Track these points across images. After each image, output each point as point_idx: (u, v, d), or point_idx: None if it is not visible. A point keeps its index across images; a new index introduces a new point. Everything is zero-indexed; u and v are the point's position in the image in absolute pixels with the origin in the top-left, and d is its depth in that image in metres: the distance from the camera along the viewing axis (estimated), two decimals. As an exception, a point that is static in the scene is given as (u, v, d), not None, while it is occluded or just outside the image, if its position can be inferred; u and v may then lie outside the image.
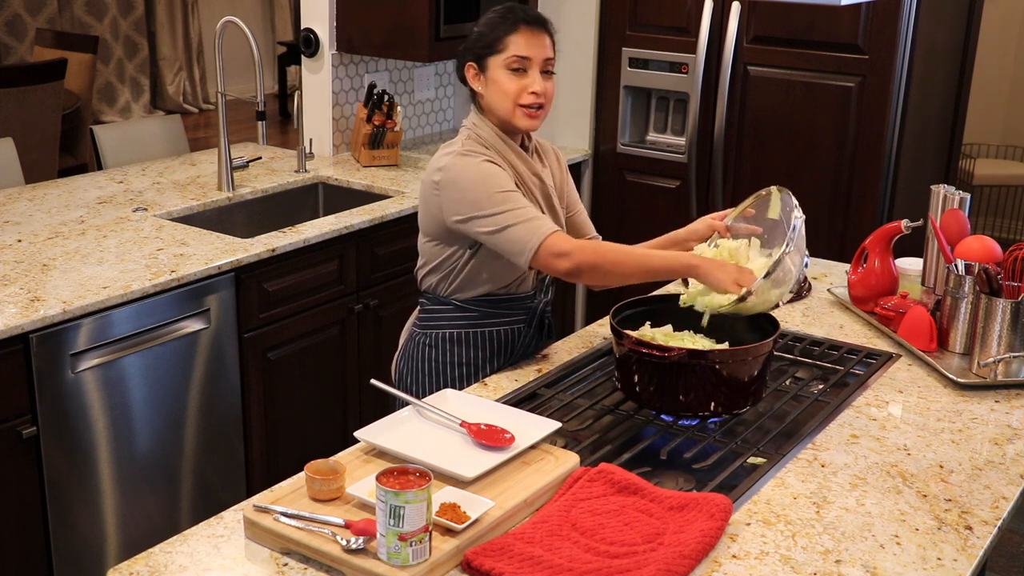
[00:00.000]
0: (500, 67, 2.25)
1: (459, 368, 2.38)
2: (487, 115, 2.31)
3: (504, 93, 2.25)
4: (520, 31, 2.24)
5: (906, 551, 1.67)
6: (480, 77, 2.28)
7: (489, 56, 2.25)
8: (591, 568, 1.57)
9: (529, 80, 2.25)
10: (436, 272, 2.35)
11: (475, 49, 2.28)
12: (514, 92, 2.24)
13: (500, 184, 2.21)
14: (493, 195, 2.19)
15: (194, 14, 9.46)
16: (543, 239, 2.16)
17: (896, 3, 3.54)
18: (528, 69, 2.25)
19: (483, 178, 2.21)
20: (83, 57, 6.08)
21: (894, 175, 3.76)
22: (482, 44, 2.26)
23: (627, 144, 4.22)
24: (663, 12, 4.01)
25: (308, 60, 4.06)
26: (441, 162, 2.26)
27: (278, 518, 1.64)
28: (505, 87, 2.25)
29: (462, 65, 2.32)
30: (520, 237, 2.17)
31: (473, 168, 2.22)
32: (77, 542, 2.73)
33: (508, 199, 2.19)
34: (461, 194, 2.22)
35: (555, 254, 2.17)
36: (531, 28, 2.25)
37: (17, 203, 3.37)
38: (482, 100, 2.30)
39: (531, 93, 2.25)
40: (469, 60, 2.29)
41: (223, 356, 3.02)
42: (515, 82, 2.24)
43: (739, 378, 2.04)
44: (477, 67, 2.28)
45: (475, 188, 2.20)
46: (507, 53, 2.24)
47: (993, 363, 2.25)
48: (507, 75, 2.25)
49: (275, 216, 3.63)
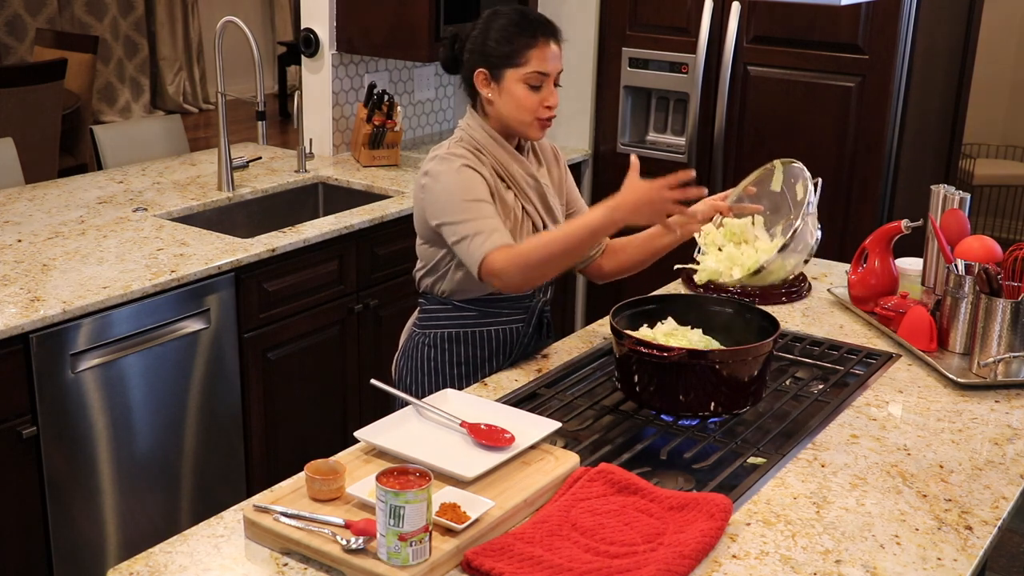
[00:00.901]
0: (518, 80, 2.24)
1: (459, 368, 2.38)
2: (489, 120, 2.30)
3: (521, 107, 2.25)
4: (539, 45, 2.23)
5: (906, 551, 1.67)
6: (492, 85, 2.27)
7: (507, 68, 2.24)
8: (591, 568, 1.57)
9: (546, 94, 2.25)
10: (432, 273, 2.35)
11: (491, 57, 2.25)
12: (532, 107, 2.24)
13: (470, 192, 2.20)
14: (459, 203, 2.20)
15: (194, 14, 9.46)
16: (481, 259, 2.16)
17: (896, 3, 3.54)
18: (545, 83, 2.25)
19: (453, 185, 2.21)
20: (83, 57, 6.08)
21: (894, 175, 3.76)
22: (499, 54, 2.24)
23: (627, 144, 4.22)
24: (663, 12, 4.01)
25: (308, 60, 4.06)
26: (427, 165, 2.28)
27: (278, 518, 1.64)
28: (523, 101, 2.24)
29: (471, 69, 2.29)
30: (469, 251, 2.18)
31: (448, 174, 2.22)
32: (77, 542, 2.73)
33: (470, 209, 2.19)
34: (436, 199, 2.23)
35: (490, 274, 2.17)
36: (548, 41, 2.25)
37: (17, 203, 3.37)
38: (489, 106, 2.29)
39: (547, 107, 2.25)
40: (481, 66, 2.27)
41: (223, 356, 3.02)
42: (533, 96, 2.24)
43: (739, 378, 2.04)
44: (489, 75, 2.27)
45: (447, 195, 2.21)
46: (528, 68, 2.23)
47: (993, 363, 2.25)
48: (525, 89, 2.24)
49: (275, 216, 3.63)
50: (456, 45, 2.33)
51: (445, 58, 2.37)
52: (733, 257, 2.23)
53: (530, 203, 2.33)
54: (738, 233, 2.26)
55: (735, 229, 2.27)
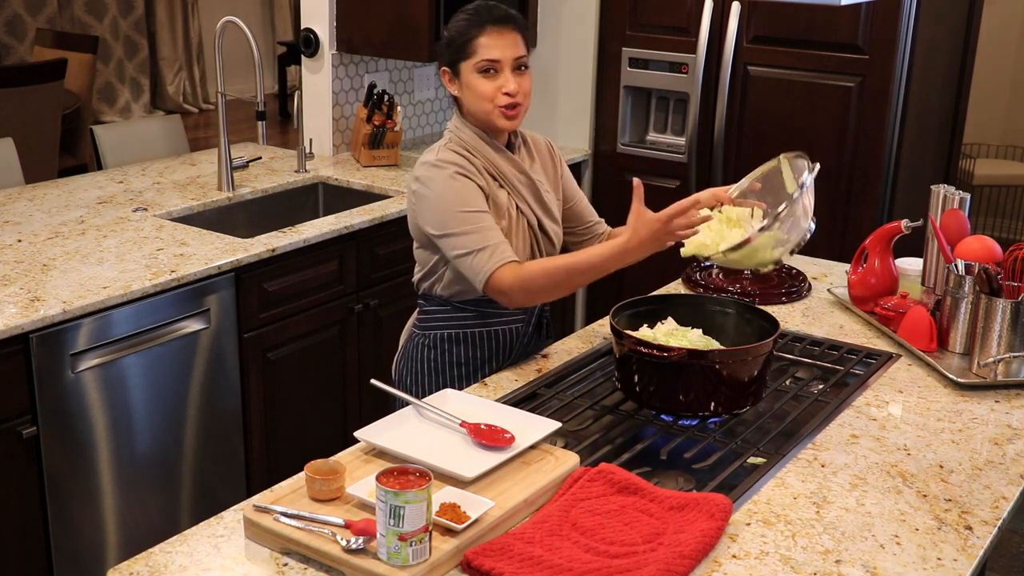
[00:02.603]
0: (472, 71, 2.25)
1: (458, 368, 2.38)
2: (468, 117, 2.31)
3: (479, 96, 2.25)
4: (487, 32, 2.23)
5: (906, 551, 1.67)
6: (455, 82, 2.29)
7: (461, 61, 2.26)
8: (591, 568, 1.57)
9: (502, 80, 2.25)
10: (428, 277, 2.36)
11: (447, 54, 2.28)
12: (488, 94, 2.25)
13: (465, 202, 2.21)
14: (456, 215, 2.20)
15: (194, 14, 9.46)
16: (488, 275, 2.18)
17: (896, 3, 3.54)
18: (500, 70, 2.25)
19: (447, 196, 2.22)
20: (83, 57, 6.08)
21: (894, 175, 3.76)
22: (452, 49, 2.27)
23: (627, 144, 4.22)
24: (663, 12, 4.01)
25: (308, 60, 4.06)
26: (418, 171, 2.28)
27: (278, 518, 1.64)
28: (479, 90, 2.25)
29: (439, 69, 2.33)
30: (473, 267, 2.20)
31: (441, 183, 2.23)
32: (77, 542, 2.73)
33: (468, 220, 2.20)
34: (430, 209, 2.24)
35: (497, 291, 2.20)
36: (498, 28, 2.24)
37: (17, 203, 3.37)
38: (460, 103, 2.31)
39: (505, 94, 2.24)
40: (443, 65, 2.30)
41: (223, 356, 3.02)
42: (488, 84, 2.24)
43: (739, 378, 2.04)
44: (451, 72, 2.29)
45: (441, 206, 2.22)
46: (477, 57, 2.24)
47: (993, 363, 2.25)
48: (479, 78, 2.25)
49: (275, 216, 3.63)
50: None
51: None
52: (722, 233, 2.26)
53: (524, 201, 2.33)
54: (733, 219, 2.31)
55: (732, 215, 2.32)
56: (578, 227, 2.49)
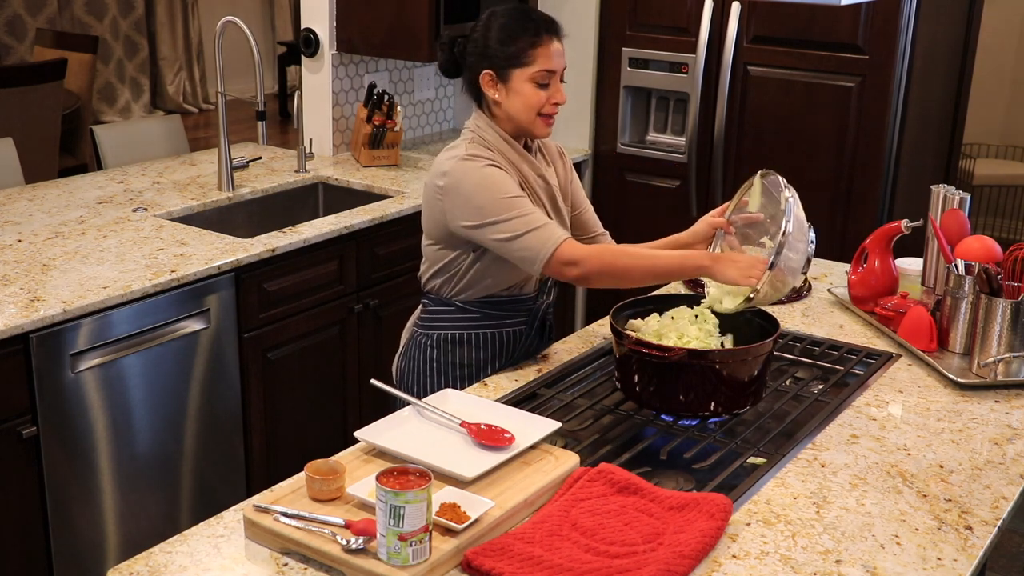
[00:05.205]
0: (526, 80, 2.24)
1: (460, 369, 2.37)
2: (498, 121, 2.30)
3: (528, 105, 2.25)
4: (544, 43, 2.24)
5: (906, 551, 1.67)
6: (499, 86, 2.26)
7: (515, 68, 2.24)
8: (591, 568, 1.57)
9: (552, 91, 2.26)
10: (440, 275, 2.34)
11: (496, 59, 2.25)
12: (539, 103, 2.25)
13: (505, 189, 2.21)
14: (499, 201, 2.19)
15: (194, 14, 9.46)
16: (555, 248, 2.17)
17: (896, 3, 3.54)
18: (552, 81, 2.26)
19: (488, 184, 2.20)
20: (83, 57, 6.08)
21: (894, 175, 3.76)
22: (505, 55, 2.24)
23: (627, 144, 4.22)
24: (663, 12, 4.01)
25: (308, 60, 4.06)
26: (445, 166, 2.25)
27: (278, 518, 1.64)
28: (531, 100, 2.25)
29: (476, 71, 2.28)
30: (532, 245, 2.18)
31: (477, 173, 2.21)
32: (77, 542, 2.73)
33: (515, 205, 2.19)
34: (467, 200, 2.21)
35: (565, 263, 2.18)
36: (552, 39, 2.26)
37: (17, 203, 3.37)
38: (497, 107, 2.28)
39: (554, 104, 2.27)
40: (486, 68, 2.26)
41: (223, 356, 3.02)
42: (541, 94, 2.25)
43: (739, 378, 2.04)
44: (496, 76, 2.26)
45: (480, 194, 2.20)
46: (535, 67, 2.23)
47: (993, 363, 2.25)
48: (532, 87, 2.24)
49: (275, 216, 3.63)
50: (456, 48, 2.33)
51: (444, 62, 2.36)
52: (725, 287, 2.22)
53: (541, 204, 2.32)
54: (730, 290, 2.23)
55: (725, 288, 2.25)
56: (582, 236, 2.48)
